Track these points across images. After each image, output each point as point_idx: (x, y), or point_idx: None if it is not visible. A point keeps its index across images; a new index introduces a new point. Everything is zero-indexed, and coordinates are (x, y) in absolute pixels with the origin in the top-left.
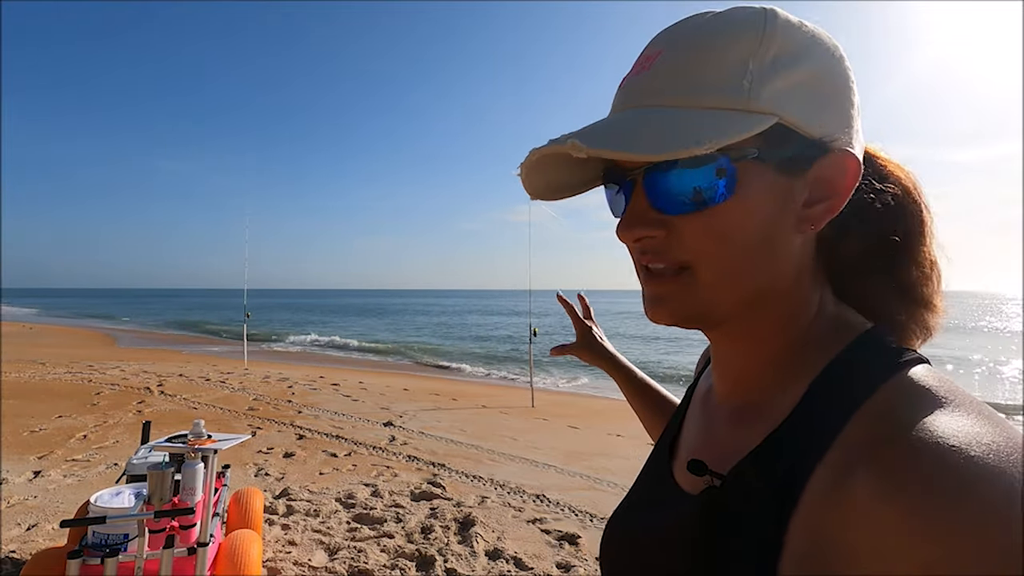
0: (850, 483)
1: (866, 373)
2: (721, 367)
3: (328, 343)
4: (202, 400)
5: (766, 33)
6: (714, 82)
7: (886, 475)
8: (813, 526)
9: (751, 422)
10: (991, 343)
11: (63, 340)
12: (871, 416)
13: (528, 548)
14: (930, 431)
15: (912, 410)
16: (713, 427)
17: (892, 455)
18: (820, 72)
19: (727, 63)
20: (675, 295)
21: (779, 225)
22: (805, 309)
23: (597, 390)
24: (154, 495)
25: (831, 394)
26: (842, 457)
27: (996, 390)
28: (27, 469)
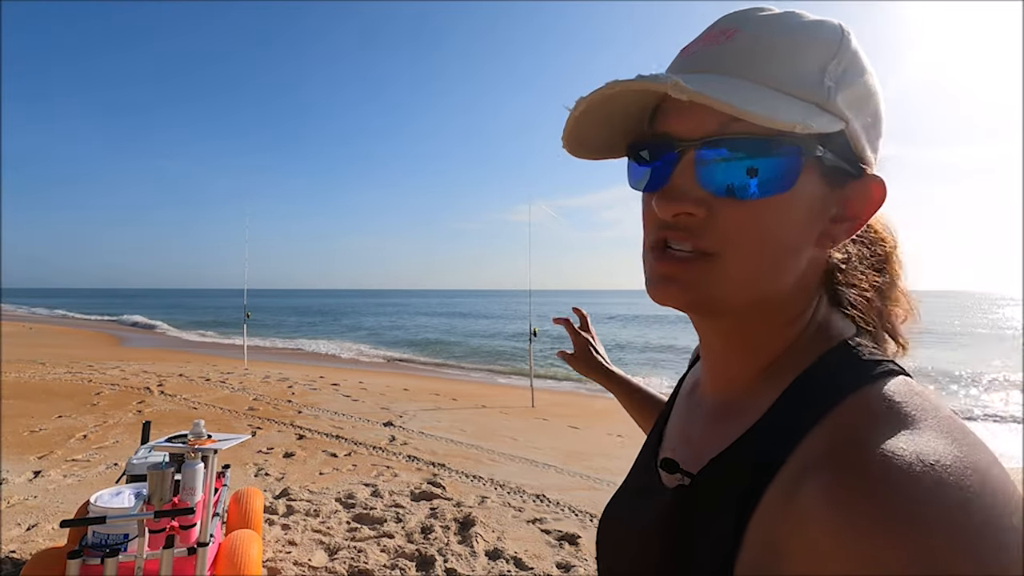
0: (801, 491)
1: (836, 383)
2: (710, 364)
3: (335, 348)
4: (202, 400)
5: (843, 43)
6: (798, 73)
7: (831, 486)
8: (767, 530)
9: (728, 422)
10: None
11: (63, 340)
12: (832, 427)
13: (528, 548)
14: (884, 447)
15: (871, 424)
16: (694, 423)
17: (841, 468)
18: (874, 97)
19: (808, 59)
20: (692, 279)
21: (809, 233)
22: (801, 317)
23: (597, 390)
24: (154, 495)
25: (800, 401)
26: (799, 465)
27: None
28: (27, 469)
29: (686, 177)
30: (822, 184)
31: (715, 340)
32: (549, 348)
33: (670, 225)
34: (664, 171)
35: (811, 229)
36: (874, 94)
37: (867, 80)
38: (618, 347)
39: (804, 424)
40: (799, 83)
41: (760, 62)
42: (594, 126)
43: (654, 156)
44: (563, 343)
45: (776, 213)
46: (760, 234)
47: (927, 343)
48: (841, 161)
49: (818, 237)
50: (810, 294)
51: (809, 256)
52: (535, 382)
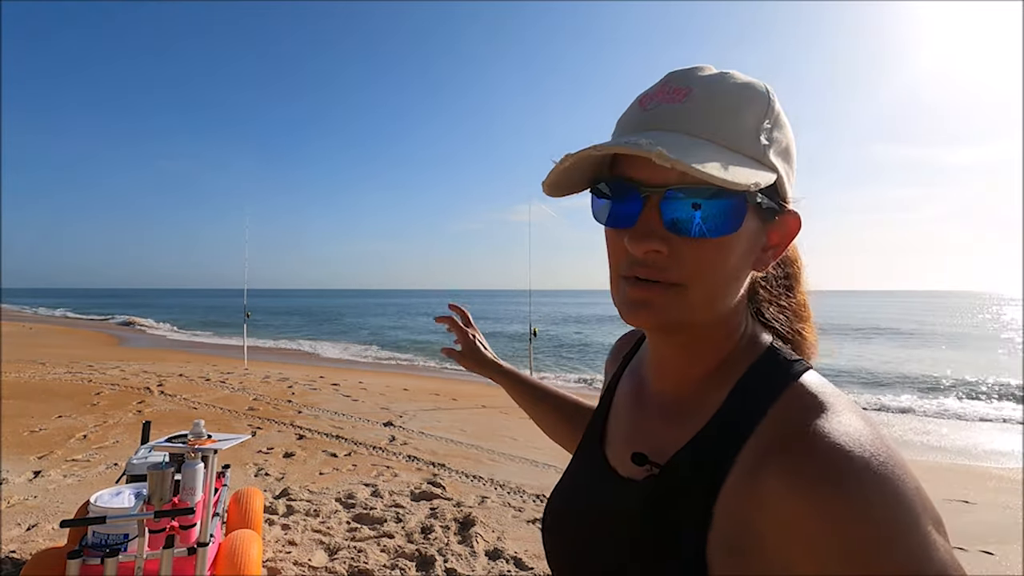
0: (761, 474)
1: (771, 382)
2: (662, 369)
3: (342, 350)
4: (202, 400)
5: (770, 104)
6: (741, 132)
7: (789, 467)
8: (732, 511)
9: (684, 420)
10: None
11: (63, 340)
12: (777, 417)
13: (528, 548)
14: (822, 431)
15: (805, 412)
16: (647, 421)
17: (794, 451)
18: (791, 145)
19: (748, 120)
20: (662, 305)
21: (747, 261)
22: (738, 329)
23: (597, 390)
24: (154, 495)
25: (745, 399)
26: (754, 452)
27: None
28: (27, 469)
29: (652, 219)
30: (757, 221)
31: (668, 351)
32: (549, 348)
33: (639, 261)
34: (631, 212)
35: (750, 257)
36: (791, 142)
37: (786, 132)
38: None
39: (754, 417)
40: (742, 141)
41: (712, 123)
42: (567, 172)
43: (619, 196)
44: (563, 345)
45: (727, 249)
46: (716, 267)
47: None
48: (771, 203)
49: (754, 263)
50: (743, 308)
51: (746, 279)
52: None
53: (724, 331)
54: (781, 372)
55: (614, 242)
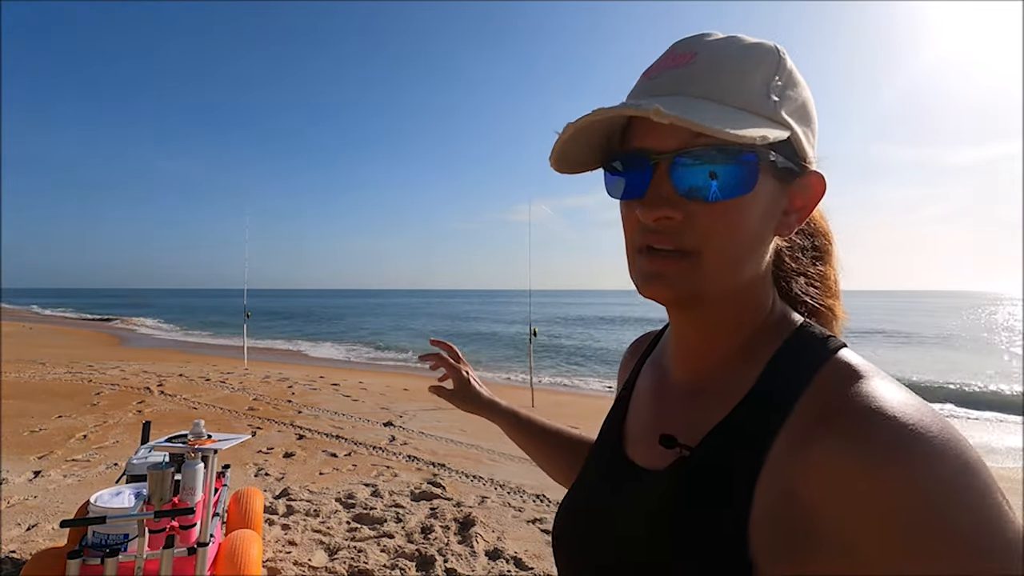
0: (809, 446)
1: (807, 358)
2: (685, 351)
3: (349, 351)
4: (202, 400)
5: (780, 62)
6: (748, 91)
7: (842, 437)
8: (777, 487)
9: (714, 400)
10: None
11: (63, 340)
12: (817, 393)
13: (528, 548)
14: (868, 401)
15: (851, 384)
16: (671, 407)
17: (844, 420)
18: (808, 104)
19: (756, 78)
20: (677, 275)
21: (768, 226)
22: (764, 303)
23: (597, 390)
24: (154, 495)
25: (784, 373)
26: (800, 424)
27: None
28: (27, 469)
29: (663, 185)
30: (775, 182)
31: (691, 330)
32: (550, 348)
33: (653, 229)
34: (642, 181)
35: (770, 222)
36: (808, 101)
37: (802, 91)
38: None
39: (793, 392)
40: (750, 99)
41: (717, 83)
42: (575, 145)
43: (630, 168)
44: (562, 343)
45: (741, 211)
46: (731, 231)
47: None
48: (788, 162)
49: (775, 228)
50: (768, 280)
51: (769, 244)
52: (535, 382)
53: (748, 303)
54: (817, 348)
55: (628, 215)
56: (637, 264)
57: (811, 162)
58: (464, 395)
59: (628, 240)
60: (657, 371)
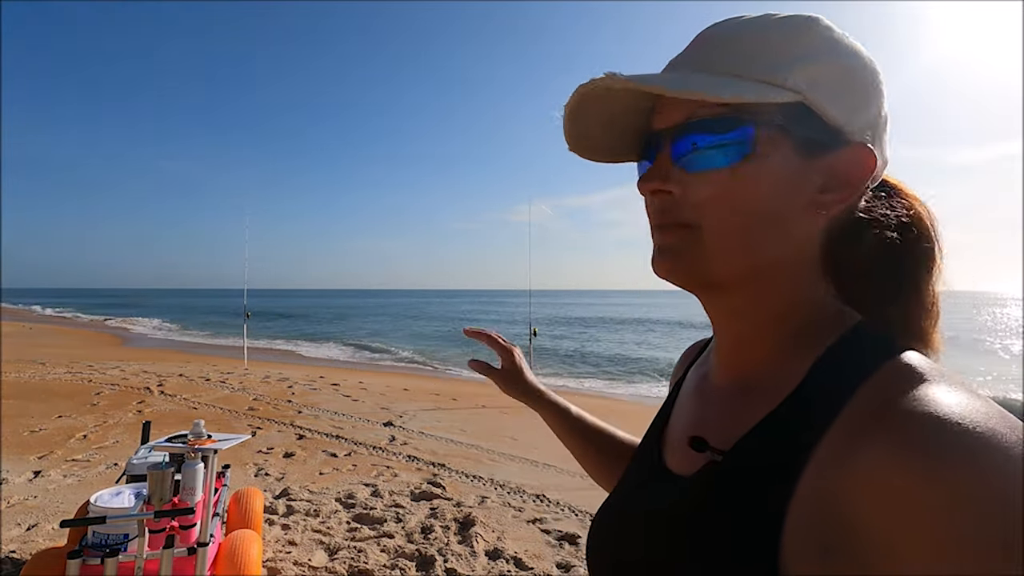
0: (856, 454)
1: (865, 355)
2: (724, 347)
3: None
4: (202, 400)
5: (806, 29)
6: (755, 59)
7: (894, 445)
8: (816, 497)
9: (751, 400)
10: None
11: (63, 340)
12: (873, 392)
13: (528, 548)
14: (932, 405)
15: (911, 387)
16: (710, 408)
17: (898, 427)
18: (849, 71)
19: (768, 47)
20: (679, 248)
21: (791, 203)
22: (809, 297)
23: (597, 390)
24: (154, 495)
25: (833, 373)
26: (846, 430)
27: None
28: (27, 469)
29: (663, 160)
30: (794, 154)
31: (723, 321)
32: (550, 348)
33: (658, 207)
34: (650, 160)
35: (792, 198)
36: (849, 71)
37: (841, 60)
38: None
39: (841, 395)
40: (753, 67)
41: (723, 55)
42: (598, 128)
43: (646, 151)
44: (564, 342)
45: (744, 182)
46: (731, 202)
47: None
48: (808, 131)
49: (806, 205)
50: (811, 268)
51: (800, 226)
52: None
53: (780, 291)
54: (876, 347)
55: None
56: (653, 245)
57: (850, 134)
58: (512, 377)
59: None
60: (701, 374)
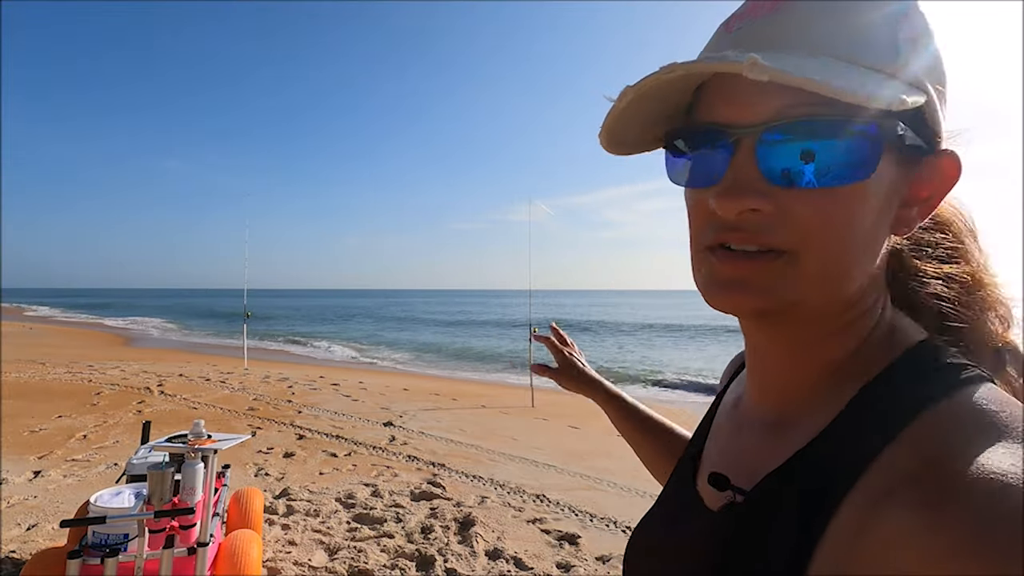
0: (887, 513)
1: (914, 391)
2: (761, 373)
3: (343, 350)
4: (202, 400)
5: (911, 5)
6: (868, 41)
7: (931, 506)
8: (841, 557)
9: (783, 435)
10: None
11: (63, 340)
12: (916, 441)
13: (528, 548)
14: (983, 461)
15: (964, 436)
16: (741, 439)
17: (939, 486)
18: (942, 61)
19: (874, 23)
20: (765, 281)
21: (885, 221)
22: (868, 316)
23: None
24: (154, 495)
25: (872, 412)
26: (879, 484)
27: None
28: (27, 469)
29: (747, 169)
30: (896, 165)
31: (771, 347)
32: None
33: (732, 225)
34: (717, 164)
35: (887, 216)
36: (941, 58)
37: (936, 44)
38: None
39: (879, 438)
40: (871, 53)
41: (823, 32)
42: (630, 120)
43: (700, 146)
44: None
45: (855, 202)
46: (840, 226)
47: None
48: (918, 138)
49: (892, 222)
50: (879, 289)
51: (883, 243)
52: (535, 382)
53: (847, 321)
54: (933, 378)
55: (697, 205)
56: (706, 266)
57: (942, 138)
58: (568, 373)
59: (694, 236)
60: (736, 395)
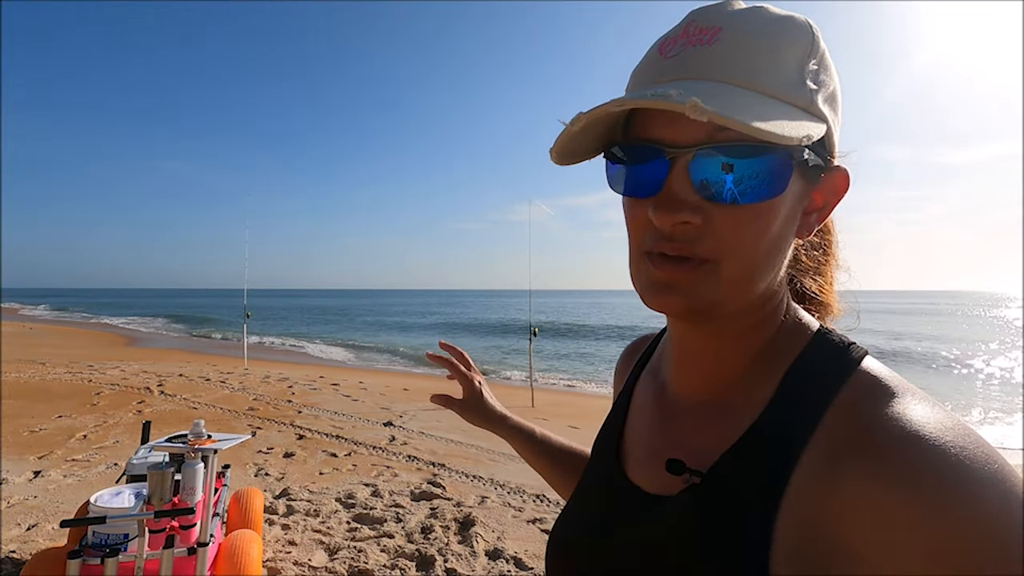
0: (839, 475)
1: (829, 369)
2: (690, 365)
3: (338, 348)
4: (202, 400)
5: (815, 41)
6: (784, 76)
7: (880, 465)
8: (802, 519)
9: (724, 420)
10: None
11: (63, 340)
12: (845, 410)
13: (528, 548)
14: (904, 421)
15: (882, 404)
16: (677, 426)
17: (880, 446)
18: (838, 91)
19: (789, 61)
20: (691, 286)
21: (791, 229)
22: (778, 310)
23: (598, 389)
24: (154, 495)
25: (802, 390)
26: (824, 449)
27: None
28: (27, 469)
29: (680, 184)
30: (802, 181)
31: (699, 343)
32: (549, 348)
33: (667, 236)
34: (655, 178)
35: (793, 224)
36: (838, 86)
37: (833, 75)
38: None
39: (816, 410)
40: (785, 87)
41: (748, 66)
42: (578, 137)
43: (639, 160)
44: (563, 342)
45: (769, 215)
46: (756, 237)
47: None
48: (818, 158)
49: (796, 229)
50: (783, 284)
51: (789, 247)
52: (535, 382)
53: (764, 314)
54: (839, 358)
55: (635, 214)
56: (643, 270)
57: (836, 156)
58: (473, 406)
59: (634, 242)
60: (657, 383)
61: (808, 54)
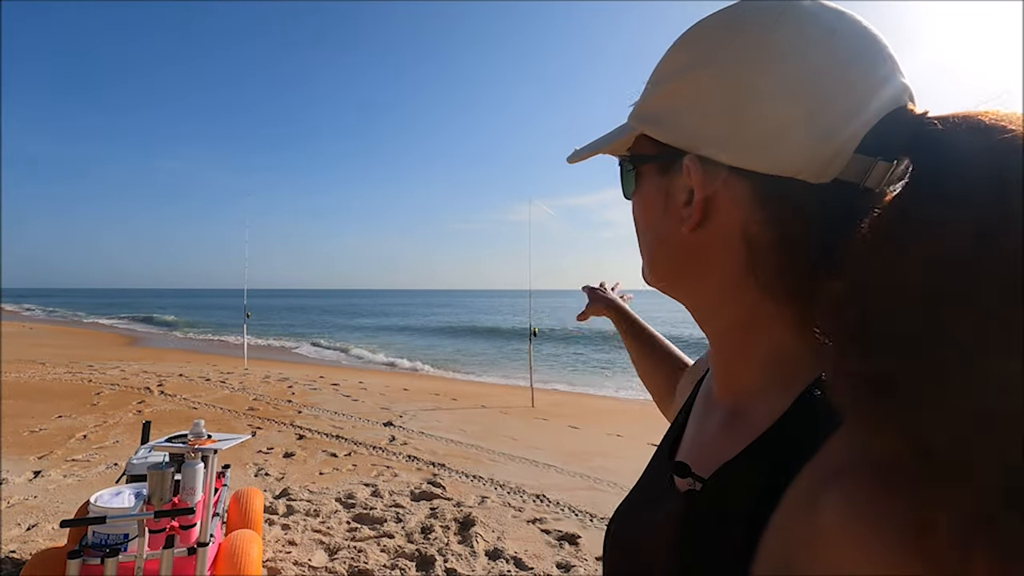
0: (816, 510)
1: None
2: (714, 369)
3: (337, 349)
4: (202, 400)
5: (665, 57)
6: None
7: (851, 497)
8: (781, 550)
9: (738, 427)
10: None
11: (63, 340)
12: (843, 442)
13: (528, 548)
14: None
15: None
16: (706, 427)
17: (856, 484)
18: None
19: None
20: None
21: (667, 221)
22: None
23: (597, 390)
24: (154, 495)
25: (810, 414)
26: (811, 481)
27: None
28: (27, 469)
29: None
30: (659, 177)
31: (712, 344)
32: (549, 348)
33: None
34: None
35: (666, 216)
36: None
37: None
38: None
39: (818, 434)
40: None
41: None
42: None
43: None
44: (561, 346)
45: (636, 209)
46: (638, 225)
47: None
48: (655, 156)
49: (678, 221)
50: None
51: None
52: (535, 382)
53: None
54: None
55: None
56: None
57: (697, 148)
58: (594, 301)
59: None
60: (709, 388)
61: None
